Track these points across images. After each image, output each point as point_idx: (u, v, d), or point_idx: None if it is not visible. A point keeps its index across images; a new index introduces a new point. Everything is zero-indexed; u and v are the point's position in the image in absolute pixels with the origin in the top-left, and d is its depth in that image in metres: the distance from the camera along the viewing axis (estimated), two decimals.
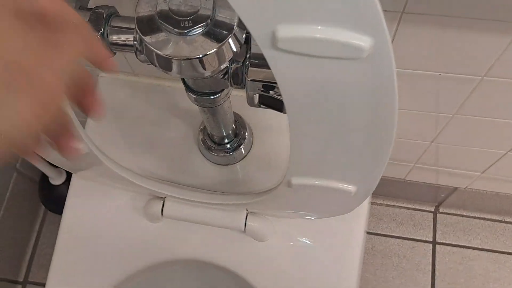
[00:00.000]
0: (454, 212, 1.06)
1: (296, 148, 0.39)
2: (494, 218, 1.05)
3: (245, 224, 0.57)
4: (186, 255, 0.61)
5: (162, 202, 0.59)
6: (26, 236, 1.06)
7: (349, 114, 0.35)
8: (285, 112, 0.45)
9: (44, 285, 1.00)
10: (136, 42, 0.39)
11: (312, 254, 0.60)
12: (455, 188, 0.94)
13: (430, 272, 1.02)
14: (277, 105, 0.44)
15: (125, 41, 0.40)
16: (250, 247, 0.60)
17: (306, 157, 0.40)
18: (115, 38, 0.40)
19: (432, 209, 1.07)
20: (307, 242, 0.60)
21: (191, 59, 0.37)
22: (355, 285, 0.59)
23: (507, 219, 1.05)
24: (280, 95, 0.44)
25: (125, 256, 0.61)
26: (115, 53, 0.42)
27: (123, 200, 0.63)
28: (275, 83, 0.43)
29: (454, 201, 1.02)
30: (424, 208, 1.07)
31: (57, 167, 1.00)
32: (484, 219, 1.06)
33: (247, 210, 0.58)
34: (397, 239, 1.05)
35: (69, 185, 1.02)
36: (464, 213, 1.06)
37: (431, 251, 1.04)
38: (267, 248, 0.60)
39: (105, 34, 0.40)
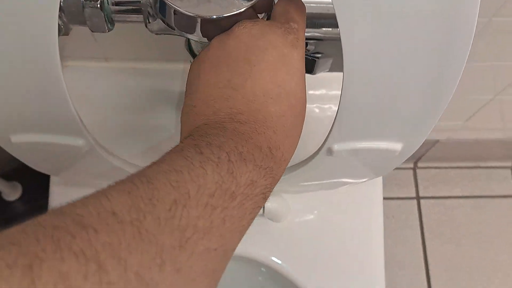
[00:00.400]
0: (432, 165, 1.07)
1: (347, 110, 0.35)
2: (470, 165, 1.07)
3: (263, 206, 0.53)
4: None
5: None
6: None
7: (415, 69, 0.31)
8: (314, 73, 0.40)
9: None
10: (149, 4, 0.33)
11: (334, 225, 0.56)
12: (437, 141, 0.94)
13: (419, 227, 1.02)
14: (308, 66, 0.39)
15: (132, 5, 0.34)
16: (270, 230, 0.55)
17: (356, 119, 0.36)
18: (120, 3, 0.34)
19: (411, 165, 1.07)
20: (327, 214, 0.56)
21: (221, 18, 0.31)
22: (382, 250, 0.57)
23: (481, 164, 1.07)
24: (312, 54, 0.39)
25: None
26: (113, 27, 0.36)
27: None
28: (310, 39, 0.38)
29: (432, 154, 1.02)
30: (403, 166, 1.07)
31: (10, 180, 0.90)
32: (460, 167, 1.07)
33: None
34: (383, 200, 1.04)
35: (25, 200, 0.92)
36: (442, 165, 1.07)
37: (416, 207, 1.04)
38: (287, 227, 0.56)
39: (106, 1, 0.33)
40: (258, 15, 0.32)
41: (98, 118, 0.56)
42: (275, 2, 0.33)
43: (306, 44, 0.38)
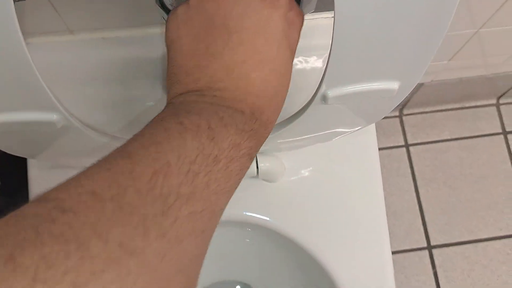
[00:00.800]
0: (418, 111, 1.05)
1: (340, 50, 0.32)
2: (455, 107, 1.06)
3: (257, 166, 0.50)
4: None
5: None
6: None
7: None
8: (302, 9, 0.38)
9: None
10: None
11: (331, 179, 0.54)
12: (421, 84, 0.92)
13: (410, 174, 1.01)
14: None
15: None
16: (266, 191, 0.53)
17: (351, 59, 0.33)
18: None
19: (397, 113, 1.06)
20: (323, 169, 0.54)
21: None
22: (382, 198, 0.56)
23: (467, 105, 1.06)
24: None
25: None
26: None
27: None
28: None
29: (417, 99, 1.01)
30: (389, 115, 1.05)
31: None
32: (446, 110, 1.06)
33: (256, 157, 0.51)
34: None
35: (3, 195, 0.89)
36: (428, 109, 1.05)
37: (406, 154, 1.03)
38: (283, 187, 0.54)
39: None
40: None
41: (72, 94, 0.52)
42: None
43: None
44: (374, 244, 0.53)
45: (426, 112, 1.06)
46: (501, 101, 1.07)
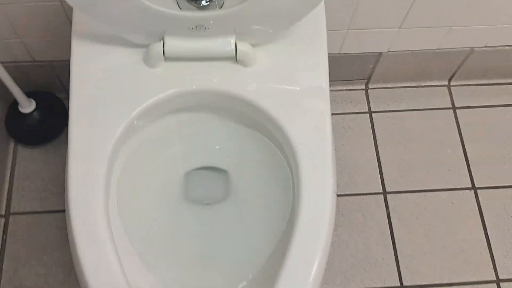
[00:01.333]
0: (381, 86, 1.25)
1: None
2: (412, 85, 1.26)
3: (236, 49, 0.69)
4: (190, 87, 0.71)
5: (162, 43, 0.69)
6: (0, 173, 1.09)
7: None
8: None
9: (28, 213, 1.06)
10: None
11: (287, 67, 0.73)
12: (380, 54, 1.12)
13: (372, 135, 1.20)
14: None
15: None
16: (242, 73, 0.72)
17: None
18: None
19: (363, 86, 1.25)
20: (282, 58, 0.73)
21: None
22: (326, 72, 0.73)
23: (422, 84, 1.26)
24: None
25: (136, 94, 0.70)
26: None
27: (126, 52, 0.72)
28: None
29: (379, 75, 1.21)
30: (356, 88, 1.25)
31: (27, 94, 1.05)
32: (405, 87, 1.25)
33: (235, 40, 0.69)
34: (340, 115, 1.22)
35: (39, 113, 1.09)
36: (389, 86, 1.25)
37: (369, 119, 1.22)
38: (256, 71, 0.72)
39: None
40: None
41: None
42: None
43: None
44: (317, 105, 0.70)
45: (388, 88, 1.25)
46: (452, 83, 1.27)
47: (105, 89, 0.70)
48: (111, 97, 0.70)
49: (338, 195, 1.12)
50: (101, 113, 0.69)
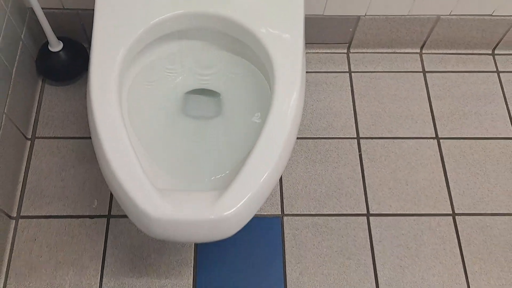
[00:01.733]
0: (360, 51, 1.43)
1: None
2: (389, 51, 1.43)
3: None
4: (193, 10, 0.90)
5: None
6: (30, 103, 1.28)
7: None
8: None
9: (50, 138, 1.25)
10: None
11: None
12: (358, 17, 1.30)
13: (350, 91, 1.37)
14: None
15: None
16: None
17: None
18: None
19: (345, 51, 1.43)
20: None
21: None
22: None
23: (397, 51, 1.44)
24: None
25: (150, 10, 0.88)
26: None
27: None
28: None
29: (359, 40, 1.39)
30: (339, 51, 1.43)
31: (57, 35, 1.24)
32: (381, 53, 1.43)
33: None
34: (323, 73, 1.40)
35: (65, 53, 1.27)
36: (368, 51, 1.43)
37: (348, 78, 1.39)
38: None
39: None
40: None
41: None
42: None
43: None
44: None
45: (366, 53, 1.43)
46: (423, 51, 1.44)
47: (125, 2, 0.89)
48: (131, 7, 0.88)
49: (316, 138, 1.30)
50: (123, 16, 0.87)
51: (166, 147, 0.97)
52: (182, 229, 0.75)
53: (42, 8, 1.18)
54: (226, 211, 0.74)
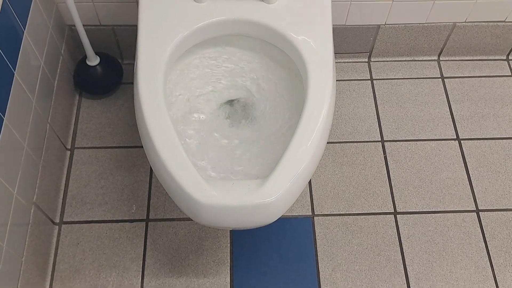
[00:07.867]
0: (381, 60, 1.49)
1: None
2: (407, 59, 1.50)
3: None
4: (230, 17, 0.97)
5: None
6: (69, 115, 1.35)
7: None
8: None
9: (88, 148, 1.30)
10: None
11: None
12: (378, 26, 1.37)
13: (373, 97, 1.43)
14: None
15: None
16: (266, 8, 0.97)
17: None
18: None
19: (366, 60, 1.50)
20: None
21: None
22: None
23: (416, 58, 1.50)
24: None
25: (192, 17, 0.96)
26: None
27: None
28: None
29: (379, 49, 1.45)
30: (360, 60, 1.49)
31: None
32: (401, 61, 1.50)
33: None
34: (346, 81, 1.46)
35: (101, 67, 1.35)
36: (388, 59, 1.49)
37: (370, 85, 1.45)
38: (278, 6, 0.97)
39: None
40: None
41: None
42: None
43: None
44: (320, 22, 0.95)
45: (386, 61, 1.50)
46: (441, 58, 1.50)
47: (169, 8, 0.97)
48: (173, 13, 0.96)
49: (343, 142, 1.35)
50: (166, 20, 0.95)
51: (205, 145, 1.03)
52: (229, 214, 0.80)
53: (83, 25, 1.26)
54: (269, 197, 0.80)
